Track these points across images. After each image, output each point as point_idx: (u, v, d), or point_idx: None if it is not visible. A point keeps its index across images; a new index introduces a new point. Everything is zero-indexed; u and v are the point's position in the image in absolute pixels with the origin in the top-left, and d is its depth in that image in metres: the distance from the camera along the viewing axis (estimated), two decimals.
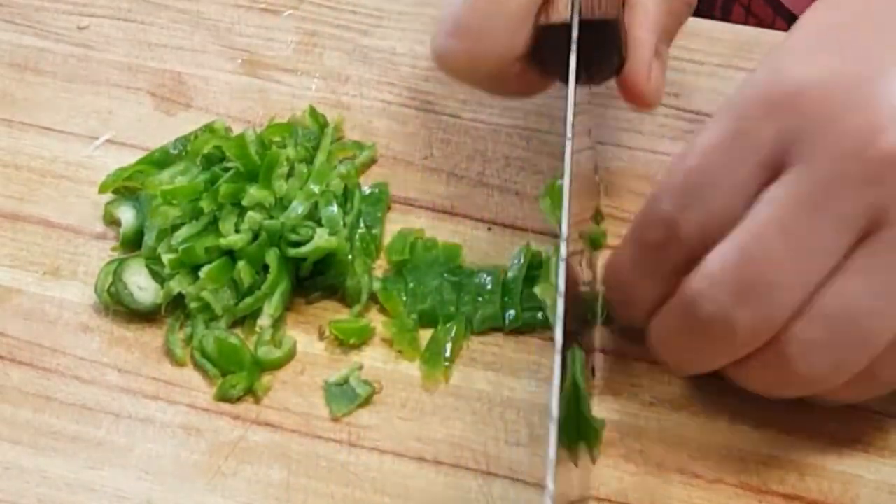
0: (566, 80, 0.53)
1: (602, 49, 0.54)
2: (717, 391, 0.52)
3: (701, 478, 0.50)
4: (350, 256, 0.55)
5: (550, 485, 0.42)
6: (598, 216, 0.58)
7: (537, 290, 0.54)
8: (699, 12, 0.66)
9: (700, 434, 0.51)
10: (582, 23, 0.53)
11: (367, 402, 0.53)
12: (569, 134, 0.51)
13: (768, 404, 0.51)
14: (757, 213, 0.46)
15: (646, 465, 0.51)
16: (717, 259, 0.46)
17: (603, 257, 0.57)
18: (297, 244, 0.55)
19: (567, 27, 0.53)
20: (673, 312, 0.48)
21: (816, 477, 0.50)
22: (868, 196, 0.44)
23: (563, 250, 0.47)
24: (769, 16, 0.78)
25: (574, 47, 0.53)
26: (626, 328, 0.53)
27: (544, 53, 0.54)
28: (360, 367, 0.54)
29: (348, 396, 0.53)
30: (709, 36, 0.66)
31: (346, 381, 0.53)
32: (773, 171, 0.46)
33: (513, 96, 0.60)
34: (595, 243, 0.57)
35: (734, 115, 0.47)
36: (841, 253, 0.45)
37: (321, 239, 0.54)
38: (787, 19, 0.77)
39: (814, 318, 0.46)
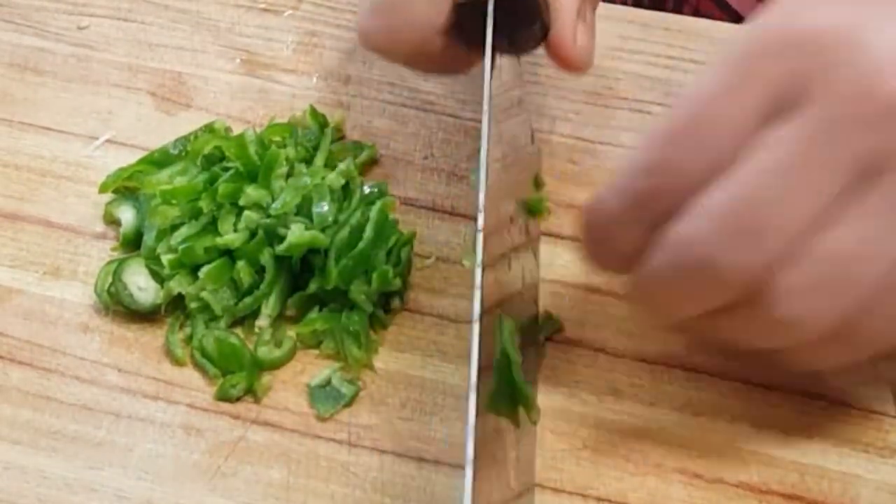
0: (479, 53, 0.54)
1: (525, 18, 0.54)
2: (718, 391, 0.52)
3: (701, 478, 0.50)
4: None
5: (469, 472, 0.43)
6: (537, 183, 0.59)
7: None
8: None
9: (700, 434, 0.51)
10: None
11: (352, 400, 0.53)
12: (486, 103, 0.51)
13: (768, 403, 0.52)
14: (757, 155, 0.45)
15: (646, 465, 0.51)
16: (712, 200, 0.45)
17: (543, 222, 0.59)
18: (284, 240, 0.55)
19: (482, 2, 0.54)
20: (661, 255, 0.47)
21: (816, 477, 0.50)
22: (870, 140, 0.44)
23: (480, 221, 0.48)
24: (716, 15, 0.78)
25: (490, 18, 0.54)
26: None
27: (466, 27, 0.54)
28: (341, 367, 0.54)
29: (333, 397, 0.53)
30: (708, 35, 0.66)
31: (328, 383, 0.53)
32: (778, 112, 0.45)
33: (439, 73, 0.61)
34: (533, 210, 0.59)
35: (741, 57, 0.46)
36: (835, 196, 0.45)
37: (296, 234, 0.54)
38: (733, 19, 0.77)
39: (800, 260, 0.45)
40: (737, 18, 0.75)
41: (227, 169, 0.57)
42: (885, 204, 0.44)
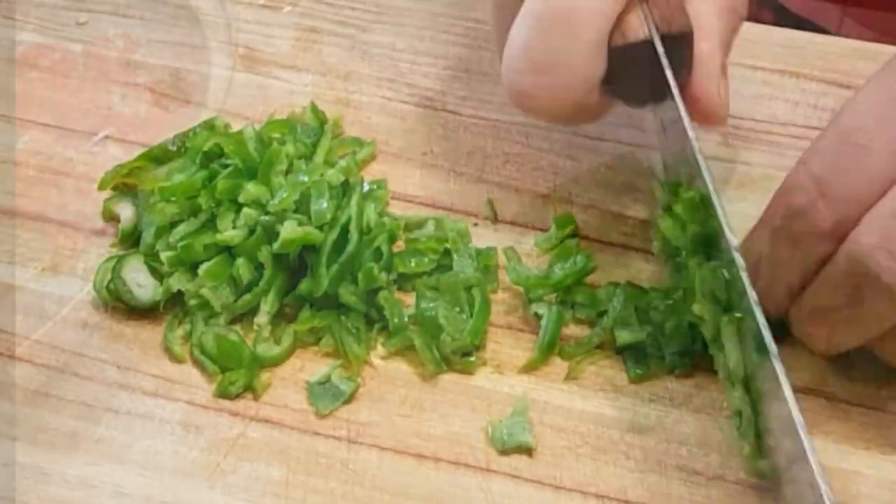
0: (633, 101, 0.53)
1: (673, 65, 0.52)
2: (717, 388, 0.52)
3: (701, 475, 0.50)
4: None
5: None
6: None
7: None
8: None
9: (700, 431, 0.51)
10: (661, 38, 0.51)
11: (351, 397, 0.53)
12: (696, 144, 0.50)
13: None
14: None
15: (646, 462, 0.51)
16: (887, 208, 0.45)
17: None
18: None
19: (643, 46, 0.51)
20: (834, 275, 0.46)
21: None
22: None
23: (740, 261, 0.47)
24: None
25: (663, 59, 0.51)
26: None
27: (618, 74, 0.52)
28: (340, 364, 0.54)
29: (332, 394, 0.53)
30: None
31: (328, 380, 0.53)
32: None
33: (582, 122, 0.57)
34: None
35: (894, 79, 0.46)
36: None
37: (288, 231, 0.54)
38: (773, 10, 0.77)
39: None
40: (780, 10, 0.75)
41: (226, 165, 0.57)
42: None
